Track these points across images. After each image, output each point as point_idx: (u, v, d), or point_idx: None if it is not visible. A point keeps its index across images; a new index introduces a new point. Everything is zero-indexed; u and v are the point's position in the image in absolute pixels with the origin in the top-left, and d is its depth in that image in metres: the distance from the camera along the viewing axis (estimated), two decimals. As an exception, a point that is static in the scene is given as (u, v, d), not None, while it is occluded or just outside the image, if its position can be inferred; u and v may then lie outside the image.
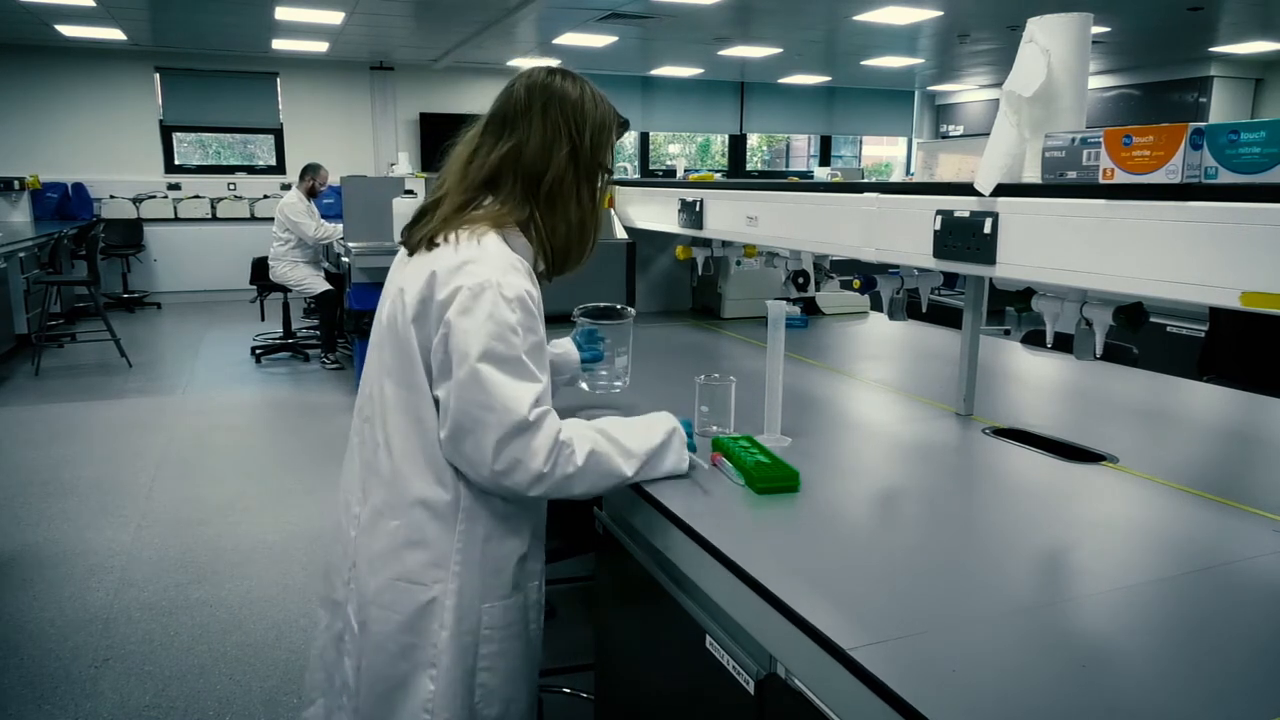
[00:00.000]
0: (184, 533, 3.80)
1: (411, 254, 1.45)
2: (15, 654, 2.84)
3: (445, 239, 1.40)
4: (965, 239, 1.66)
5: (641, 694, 1.67)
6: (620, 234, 3.36)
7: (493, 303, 1.33)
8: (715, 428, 1.81)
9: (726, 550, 1.28)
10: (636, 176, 11.29)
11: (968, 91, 13.62)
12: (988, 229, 1.61)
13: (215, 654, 2.86)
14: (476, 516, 1.43)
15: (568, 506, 1.83)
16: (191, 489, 4.33)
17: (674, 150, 14.30)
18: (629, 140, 13.21)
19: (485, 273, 1.34)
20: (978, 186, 1.61)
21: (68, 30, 8.78)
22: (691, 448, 1.58)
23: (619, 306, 1.97)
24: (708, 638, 1.32)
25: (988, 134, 1.65)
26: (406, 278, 1.42)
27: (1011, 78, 1.62)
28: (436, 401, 1.38)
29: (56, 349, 7.44)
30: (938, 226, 1.72)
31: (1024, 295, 1.79)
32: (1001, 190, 1.59)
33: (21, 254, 7.02)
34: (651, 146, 13.32)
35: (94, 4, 7.51)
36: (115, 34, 9.00)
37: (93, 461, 4.72)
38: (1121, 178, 1.39)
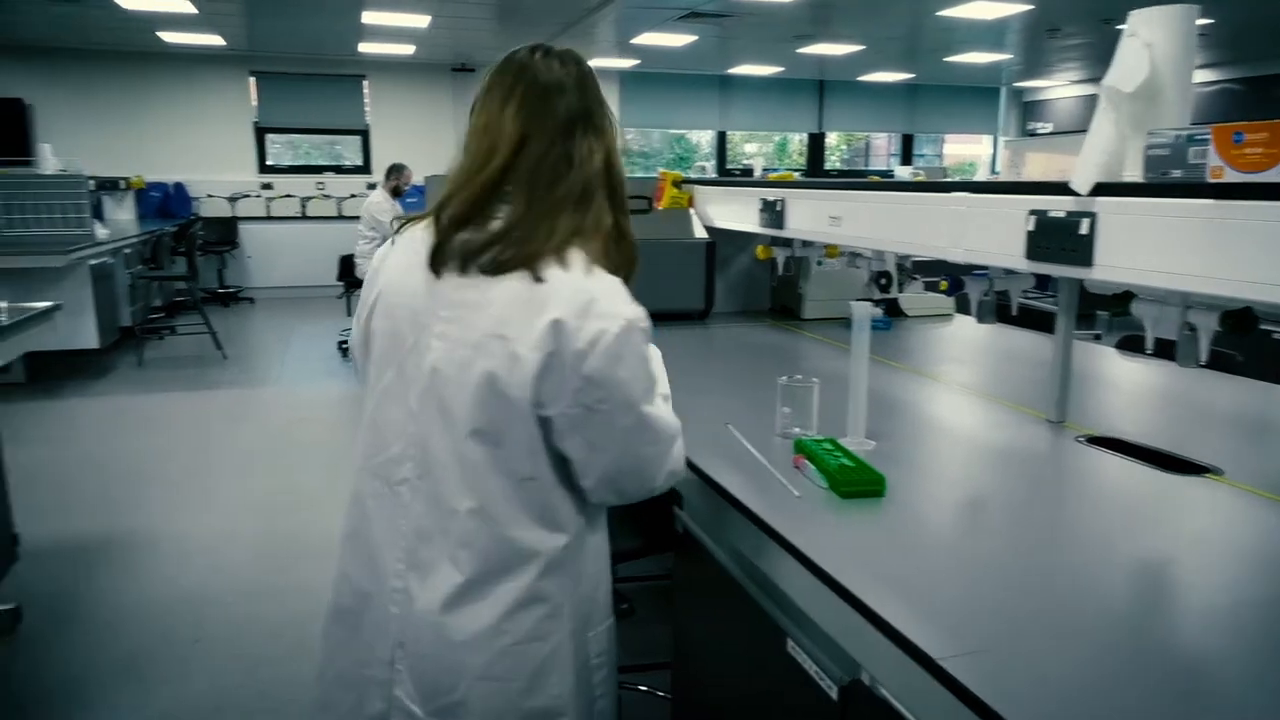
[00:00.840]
0: (273, 520, 3.94)
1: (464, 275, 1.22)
2: (112, 634, 2.98)
3: (542, 269, 1.20)
4: (1061, 240, 1.61)
5: (719, 695, 1.67)
6: (700, 233, 3.35)
7: (639, 343, 1.22)
8: (798, 429, 1.79)
9: (810, 553, 1.27)
10: (714, 176, 11.24)
11: (1058, 88, 13.19)
12: (1085, 229, 1.56)
13: (302, 639, 2.95)
14: (583, 547, 1.32)
15: (649, 506, 1.83)
16: (281, 478, 4.49)
17: (750, 149, 14.21)
18: (705, 139, 13.16)
19: (618, 310, 1.20)
20: (1074, 186, 1.57)
21: (170, 36, 9.19)
22: None
23: None
24: (789, 641, 1.31)
25: (1079, 132, 1.60)
26: (496, 319, 1.19)
27: (1111, 72, 1.57)
28: (553, 450, 1.24)
29: (157, 341, 7.79)
30: (1031, 227, 1.68)
31: (1119, 299, 1.73)
32: (1100, 189, 1.54)
33: (127, 250, 7.36)
34: (728, 145, 13.26)
35: (195, 11, 7.84)
36: (214, 39, 9.38)
37: (188, 449, 4.93)
38: (1232, 176, 1.34)
